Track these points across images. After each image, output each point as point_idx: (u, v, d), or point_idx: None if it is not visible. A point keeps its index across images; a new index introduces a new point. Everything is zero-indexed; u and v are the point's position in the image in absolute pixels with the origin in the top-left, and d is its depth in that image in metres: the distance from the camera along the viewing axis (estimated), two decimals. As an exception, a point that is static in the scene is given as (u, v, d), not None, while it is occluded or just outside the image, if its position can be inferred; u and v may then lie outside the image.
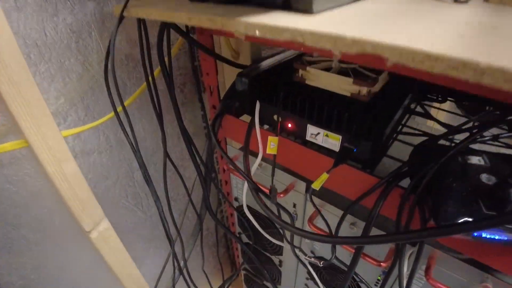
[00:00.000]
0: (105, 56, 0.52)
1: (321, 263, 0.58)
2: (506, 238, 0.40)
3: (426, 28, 0.23)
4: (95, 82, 0.62)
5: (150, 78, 0.56)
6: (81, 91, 0.61)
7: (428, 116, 0.72)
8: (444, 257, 0.53)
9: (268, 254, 0.95)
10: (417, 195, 0.46)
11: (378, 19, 0.27)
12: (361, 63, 0.52)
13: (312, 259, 0.60)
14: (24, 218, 0.60)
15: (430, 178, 0.46)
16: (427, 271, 0.53)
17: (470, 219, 0.40)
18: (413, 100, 0.70)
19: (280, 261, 0.92)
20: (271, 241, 0.89)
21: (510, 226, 0.39)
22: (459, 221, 0.40)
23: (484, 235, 0.40)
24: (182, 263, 0.78)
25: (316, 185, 0.51)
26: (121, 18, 0.46)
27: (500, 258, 0.44)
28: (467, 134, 0.51)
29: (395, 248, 0.51)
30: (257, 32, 0.28)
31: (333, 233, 0.54)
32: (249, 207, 0.71)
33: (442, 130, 0.63)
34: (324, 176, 0.50)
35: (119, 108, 0.56)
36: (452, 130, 0.57)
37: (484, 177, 0.45)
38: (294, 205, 0.72)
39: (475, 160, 0.48)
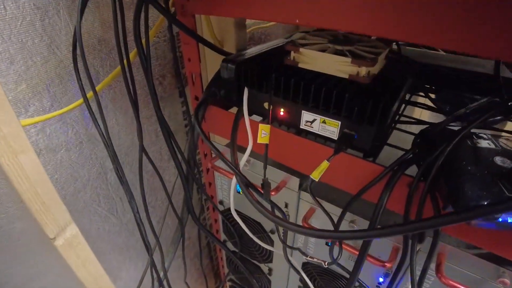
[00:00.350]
0: (73, 32, 0.45)
1: (326, 263, 0.52)
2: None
3: None
4: (63, 68, 0.55)
5: (125, 61, 0.49)
6: (47, 77, 0.54)
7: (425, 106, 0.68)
8: (454, 253, 0.49)
9: (256, 262, 0.88)
10: (429, 181, 0.41)
11: None
12: None
13: (315, 259, 0.54)
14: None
15: (442, 162, 0.41)
16: (438, 268, 0.48)
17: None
18: (410, 89, 0.67)
19: (270, 269, 0.85)
20: (259, 248, 0.83)
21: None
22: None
23: (510, 220, 0.35)
24: (162, 274, 0.70)
25: (315, 175, 0.45)
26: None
27: (521, 249, 0.40)
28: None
29: (404, 244, 0.46)
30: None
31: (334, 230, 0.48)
32: (236, 211, 0.65)
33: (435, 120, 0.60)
34: (325, 164, 0.45)
35: (90, 94, 0.49)
36: (455, 115, 0.54)
37: (498, 159, 0.41)
38: (286, 205, 0.66)
39: (485, 143, 0.44)
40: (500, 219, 0.35)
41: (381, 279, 0.62)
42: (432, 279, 0.53)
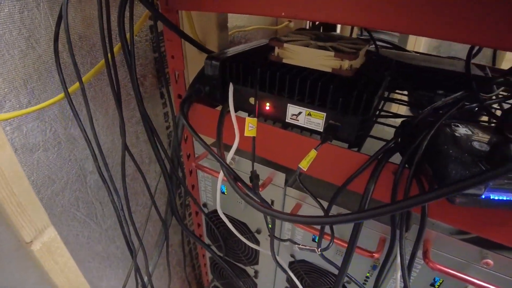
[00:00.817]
0: (56, 20, 0.44)
1: (319, 249, 0.52)
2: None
3: None
4: (42, 64, 0.53)
5: (109, 55, 0.48)
6: (25, 72, 0.52)
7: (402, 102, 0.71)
8: (440, 239, 0.50)
9: (242, 266, 0.87)
10: (415, 165, 0.42)
11: None
12: None
13: (307, 247, 0.54)
14: None
15: (424, 149, 0.43)
16: (425, 254, 0.49)
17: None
18: (388, 84, 0.69)
19: (256, 272, 0.84)
20: (245, 250, 0.82)
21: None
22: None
23: (492, 196, 0.37)
24: (146, 279, 0.67)
25: (303, 165, 0.46)
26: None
27: (503, 229, 0.41)
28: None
29: (391, 233, 0.47)
30: None
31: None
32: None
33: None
34: (313, 153, 0.45)
35: (74, 86, 0.47)
36: (433, 107, 0.56)
37: (476, 144, 0.43)
38: (272, 202, 0.66)
39: (462, 131, 0.46)
40: (483, 196, 0.37)
41: (368, 274, 0.63)
42: (419, 267, 0.54)
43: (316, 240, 0.64)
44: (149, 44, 0.71)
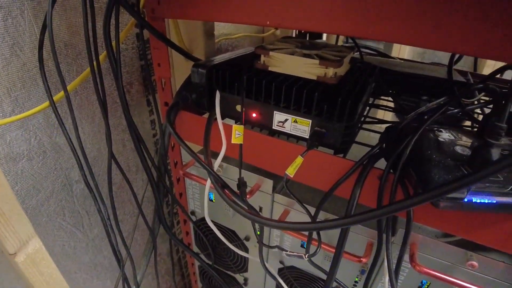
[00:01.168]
0: (41, 28, 0.44)
1: (306, 255, 0.52)
2: (495, 201, 0.38)
3: None
4: (26, 72, 0.53)
5: (94, 64, 0.48)
6: (8, 80, 0.51)
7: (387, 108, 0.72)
8: (426, 242, 0.51)
9: (231, 273, 0.86)
10: (399, 170, 0.43)
11: None
12: None
13: (295, 253, 0.54)
14: None
15: (408, 154, 0.44)
16: (411, 257, 0.49)
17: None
18: (373, 91, 0.70)
19: (245, 279, 0.83)
20: (234, 258, 0.81)
21: (499, 190, 0.38)
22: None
23: (474, 199, 0.38)
24: (133, 289, 0.66)
25: (290, 171, 0.46)
26: None
27: (486, 232, 0.42)
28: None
29: (378, 237, 0.48)
30: None
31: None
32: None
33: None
34: (299, 160, 0.46)
35: (59, 95, 0.47)
36: (417, 112, 0.57)
37: (458, 149, 0.44)
38: (260, 209, 0.66)
39: (446, 136, 0.48)
40: (466, 199, 0.38)
41: (356, 279, 0.63)
42: (406, 271, 0.54)
43: (305, 246, 0.64)
44: (135, 51, 0.71)
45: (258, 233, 0.63)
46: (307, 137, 0.51)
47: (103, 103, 0.49)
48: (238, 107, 0.55)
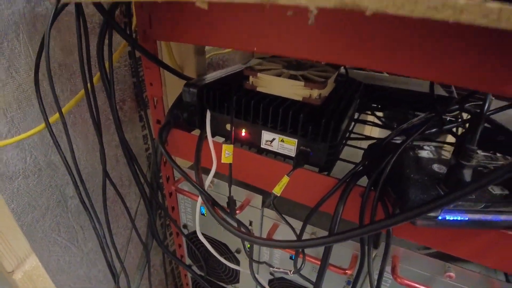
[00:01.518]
0: (37, 51, 0.45)
1: (291, 271, 0.55)
2: (467, 218, 0.41)
3: None
4: (22, 93, 0.54)
5: (88, 85, 0.50)
6: (4, 101, 0.52)
7: (372, 123, 0.75)
8: (407, 255, 0.53)
9: (223, 285, 0.88)
10: (379, 190, 0.45)
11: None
12: (337, 18, 0.50)
13: (281, 269, 0.56)
14: None
15: (389, 172, 0.46)
16: (393, 270, 0.52)
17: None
18: (357, 108, 0.73)
19: (237, 290, 0.85)
20: (226, 269, 0.83)
21: (471, 208, 0.41)
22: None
23: (448, 217, 0.40)
24: (126, 303, 0.68)
25: (277, 190, 0.48)
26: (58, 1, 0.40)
27: (460, 244, 0.45)
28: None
29: (361, 250, 0.50)
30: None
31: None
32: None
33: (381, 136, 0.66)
34: (285, 179, 0.48)
35: (54, 117, 0.49)
36: (399, 129, 0.60)
37: (436, 167, 0.47)
38: (251, 223, 0.68)
39: (425, 153, 0.50)
40: (440, 217, 0.40)
41: (343, 289, 0.65)
42: (389, 282, 0.57)
43: (293, 258, 0.66)
44: (128, 68, 0.73)
45: (248, 246, 0.65)
46: (293, 155, 0.53)
47: (97, 124, 0.51)
48: (228, 126, 0.57)
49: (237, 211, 0.62)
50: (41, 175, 0.61)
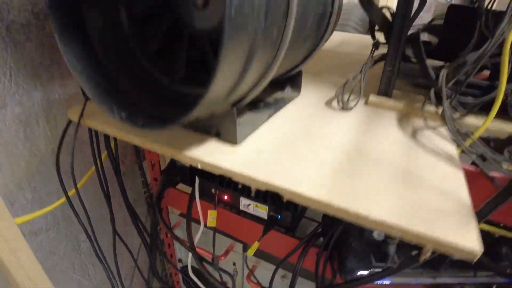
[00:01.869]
0: (58, 147, 0.58)
1: None
2: (389, 282, 0.54)
3: (306, 173, 0.36)
4: (42, 165, 0.67)
5: (98, 163, 0.63)
6: (29, 175, 0.65)
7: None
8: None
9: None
10: (328, 253, 0.59)
11: (279, 157, 0.39)
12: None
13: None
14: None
15: (337, 238, 0.59)
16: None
17: (365, 272, 0.54)
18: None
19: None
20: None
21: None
22: (356, 274, 0.53)
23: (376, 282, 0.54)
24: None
25: (250, 253, 0.62)
26: (78, 124, 0.52)
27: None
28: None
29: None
30: (199, 165, 0.39)
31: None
32: (193, 268, 0.78)
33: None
34: (256, 244, 0.61)
35: (72, 192, 0.62)
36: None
37: (376, 233, 0.60)
38: (234, 264, 0.81)
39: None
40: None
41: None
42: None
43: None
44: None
45: None
46: (266, 218, 0.67)
47: (107, 197, 0.64)
48: (213, 191, 0.70)
49: (222, 257, 0.75)
50: (59, 228, 0.73)
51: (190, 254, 0.70)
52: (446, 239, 0.28)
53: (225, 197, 0.69)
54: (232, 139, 0.41)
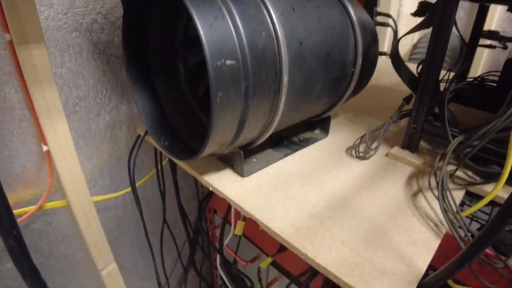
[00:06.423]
0: (129, 153, 0.74)
1: None
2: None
3: (284, 211, 0.43)
4: (120, 160, 0.85)
5: (159, 166, 0.77)
6: (110, 165, 0.84)
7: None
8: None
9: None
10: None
11: (272, 193, 0.47)
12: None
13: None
14: (55, 253, 0.80)
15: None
16: None
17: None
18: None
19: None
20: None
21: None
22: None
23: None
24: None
25: (263, 265, 0.69)
26: (142, 139, 0.68)
27: None
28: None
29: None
30: (210, 188, 0.49)
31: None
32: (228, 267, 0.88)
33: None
34: (268, 259, 0.69)
35: (138, 183, 0.78)
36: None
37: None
38: (259, 273, 0.89)
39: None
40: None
41: None
42: None
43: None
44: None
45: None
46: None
47: (163, 194, 0.78)
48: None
49: (248, 263, 0.84)
50: (126, 208, 0.92)
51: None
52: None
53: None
54: (240, 172, 0.50)
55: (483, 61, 1.50)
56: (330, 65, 0.47)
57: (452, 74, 0.62)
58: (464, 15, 1.54)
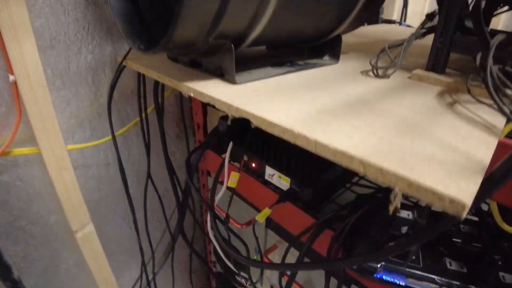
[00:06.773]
0: (109, 89, 0.65)
1: None
2: (404, 283, 0.46)
3: (287, 108, 0.33)
4: (103, 110, 0.75)
5: (143, 114, 0.68)
6: (90, 115, 0.74)
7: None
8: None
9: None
10: (341, 239, 0.53)
11: (270, 96, 0.37)
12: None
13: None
14: (26, 212, 0.71)
15: (358, 224, 0.53)
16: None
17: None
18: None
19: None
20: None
21: (410, 271, 0.46)
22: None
23: (385, 277, 0.46)
24: (151, 277, 0.86)
25: (259, 218, 0.59)
26: (119, 66, 0.58)
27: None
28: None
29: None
30: (191, 94, 0.39)
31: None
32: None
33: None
34: (266, 210, 0.59)
35: (120, 131, 0.68)
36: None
37: (403, 229, 0.52)
38: (257, 239, 0.79)
39: (404, 214, 0.56)
40: (377, 275, 0.47)
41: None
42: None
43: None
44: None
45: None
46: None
47: (147, 144, 0.69)
48: (245, 157, 0.70)
49: (244, 226, 0.74)
50: (109, 168, 0.82)
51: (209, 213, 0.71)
52: (423, 182, 0.23)
53: (253, 165, 0.68)
54: (231, 79, 0.41)
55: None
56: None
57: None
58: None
